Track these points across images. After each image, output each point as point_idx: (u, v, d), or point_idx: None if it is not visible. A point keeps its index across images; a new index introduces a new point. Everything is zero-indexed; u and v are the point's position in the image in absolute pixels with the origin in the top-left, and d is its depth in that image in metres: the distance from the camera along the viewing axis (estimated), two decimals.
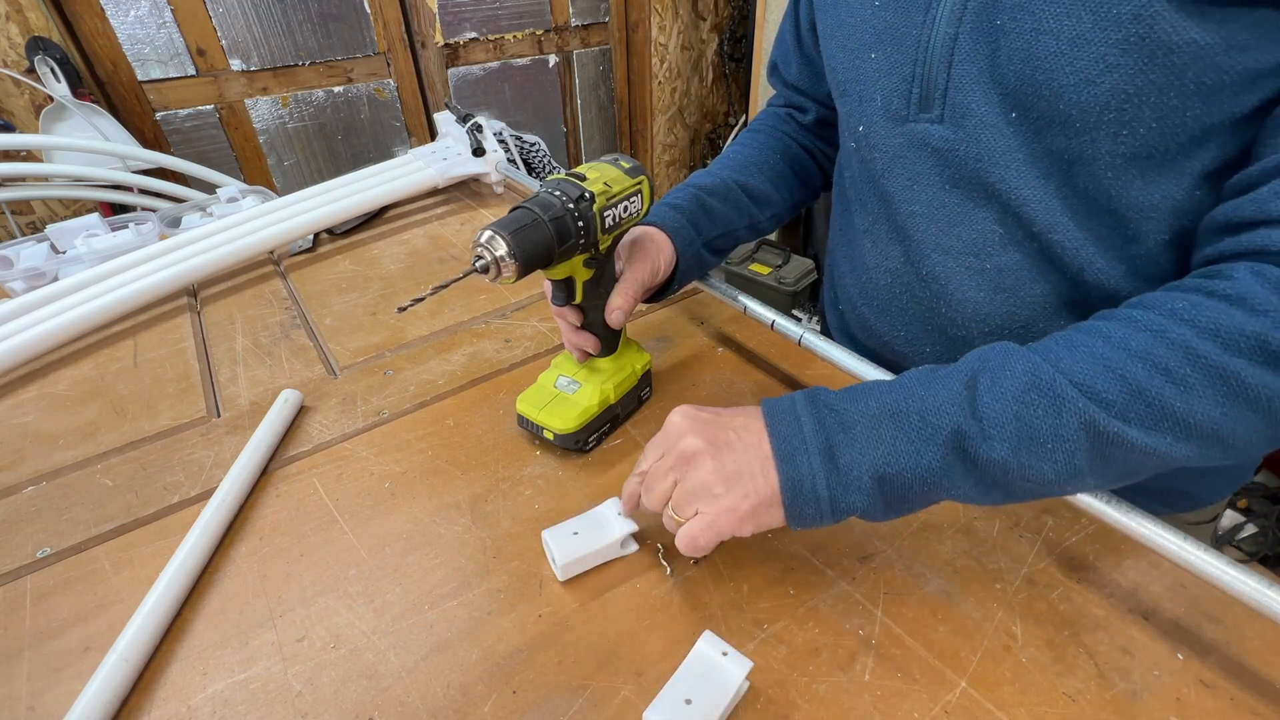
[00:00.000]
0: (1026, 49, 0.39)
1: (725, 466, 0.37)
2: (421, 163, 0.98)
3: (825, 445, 0.36)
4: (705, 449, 0.37)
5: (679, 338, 0.66)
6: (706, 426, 0.39)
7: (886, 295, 0.55)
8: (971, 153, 0.44)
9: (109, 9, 1.51)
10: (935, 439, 0.34)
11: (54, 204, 1.49)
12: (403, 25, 1.93)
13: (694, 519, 0.37)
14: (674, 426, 0.40)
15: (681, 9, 2.33)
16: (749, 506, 0.36)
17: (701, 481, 0.37)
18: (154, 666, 0.39)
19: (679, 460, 0.38)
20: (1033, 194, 0.43)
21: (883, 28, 0.47)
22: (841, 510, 0.36)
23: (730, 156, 0.66)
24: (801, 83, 0.66)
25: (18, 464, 0.54)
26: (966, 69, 0.42)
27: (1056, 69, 0.38)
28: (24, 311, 0.68)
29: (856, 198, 0.56)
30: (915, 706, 0.35)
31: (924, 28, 0.44)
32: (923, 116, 0.46)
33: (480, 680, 0.37)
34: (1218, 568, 0.34)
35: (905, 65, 0.46)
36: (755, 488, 0.36)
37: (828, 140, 0.69)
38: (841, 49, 0.51)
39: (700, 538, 0.37)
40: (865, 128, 0.51)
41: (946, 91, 0.44)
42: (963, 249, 0.47)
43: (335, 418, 0.58)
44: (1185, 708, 0.35)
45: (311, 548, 0.46)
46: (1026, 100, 0.40)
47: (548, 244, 0.42)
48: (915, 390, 0.36)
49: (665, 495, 0.39)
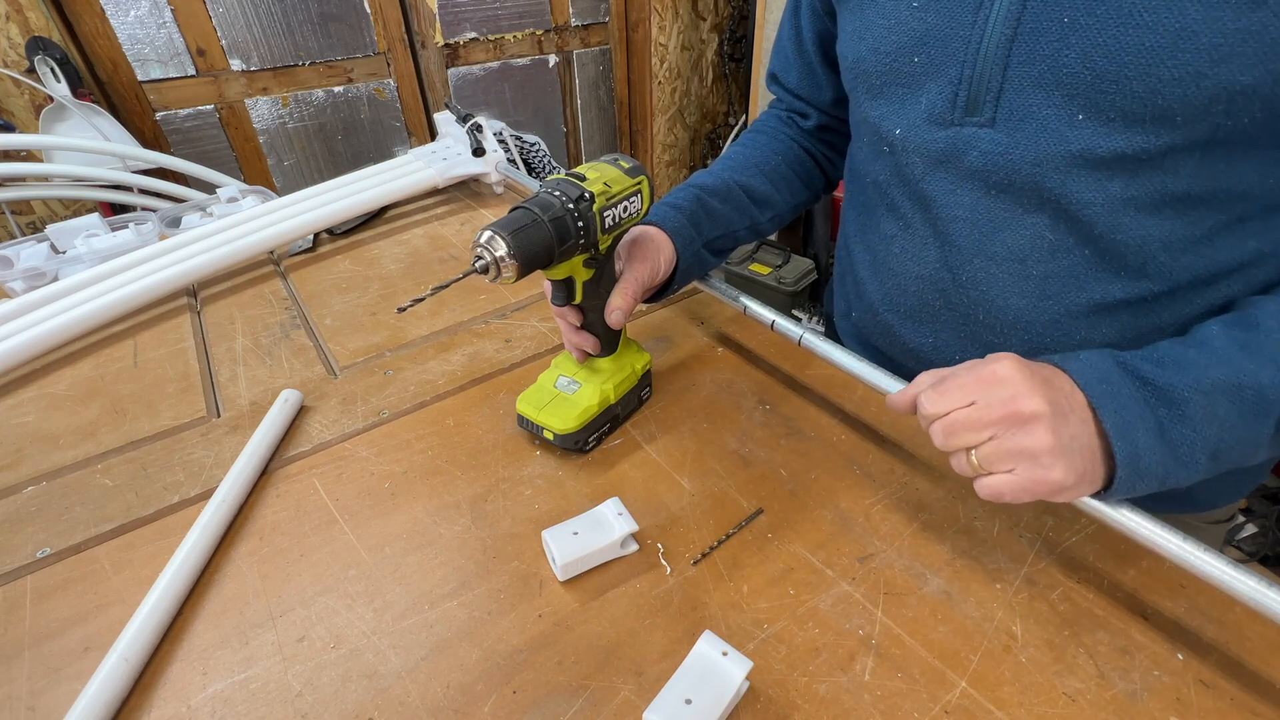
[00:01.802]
0: (1111, 45, 0.37)
1: (1062, 438, 0.35)
2: (421, 163, 0.98)
3: (1156, 423, 0.35)
4: (1048, 415, 0.35)
5: (679, 338, 0.66)
6: (1047, 387, 0.36)
7: (916, 301, 0.54)
8: (1026, 157, 0.43)
9: (109, 9, 1.51)
10: (1270, 414, 0.35)
11: (54, 204, 1.49)
12: (403, 25, 1.93)
13: (1005, 476, 0.36)
14: (1006, 378, 0.36)
15: (681, 9, 2.33)
16: (1073, 483, 0.35)
17: (1033, 447, 0.35)
18: (154, 666, 0.39)
19: (1011, 419, 0.35)
20: (1095, 196, 0.41)
21: (924, 30, 0.45)
22: (1166, 485, 0.36)
23: (731, 157, 0.65)
24: (802, 90, 0.66)
25: (18, 464, 0.54)
26: (1025, 70, 0.41)
27: (1154, 64, 0.36)
28: (24, 311, 0.68)
29: (884, 202, 0.54)
30: (915, 706, 0.35)
31: (974, 28, 0.43)
32: (970, 120, 0.45)
33: (480, 680, 0.37)
34: (1218, 568, 0.34)
35: (952, 68, 0.44)
36: (1082, 464, 0.35)
37: (830, 144, 0.69)
38: (874, 52, 0.49)
39: (1007, 496, 0.36)
40: (903, 131, 0.49)
41: (1000, 94, 0.43)
42: (1008, 255, 0.46)
43: (335, 418, 0.58)
44: (1185, 708, 0.35)
45: (311, 548, 0.46)
46: (1104, 100, 0.39)
47: (548, 244, 0.42)
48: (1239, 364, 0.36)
49: (974, 443, 0.37)
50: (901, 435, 0.53)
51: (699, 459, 0.52)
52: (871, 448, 0.52)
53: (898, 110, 0.49)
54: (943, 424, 0.38)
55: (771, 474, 0.50)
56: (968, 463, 0.37)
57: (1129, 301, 0.45)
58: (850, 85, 0.55)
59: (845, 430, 0.54)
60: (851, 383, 0.58)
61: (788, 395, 0.58)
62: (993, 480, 0.36)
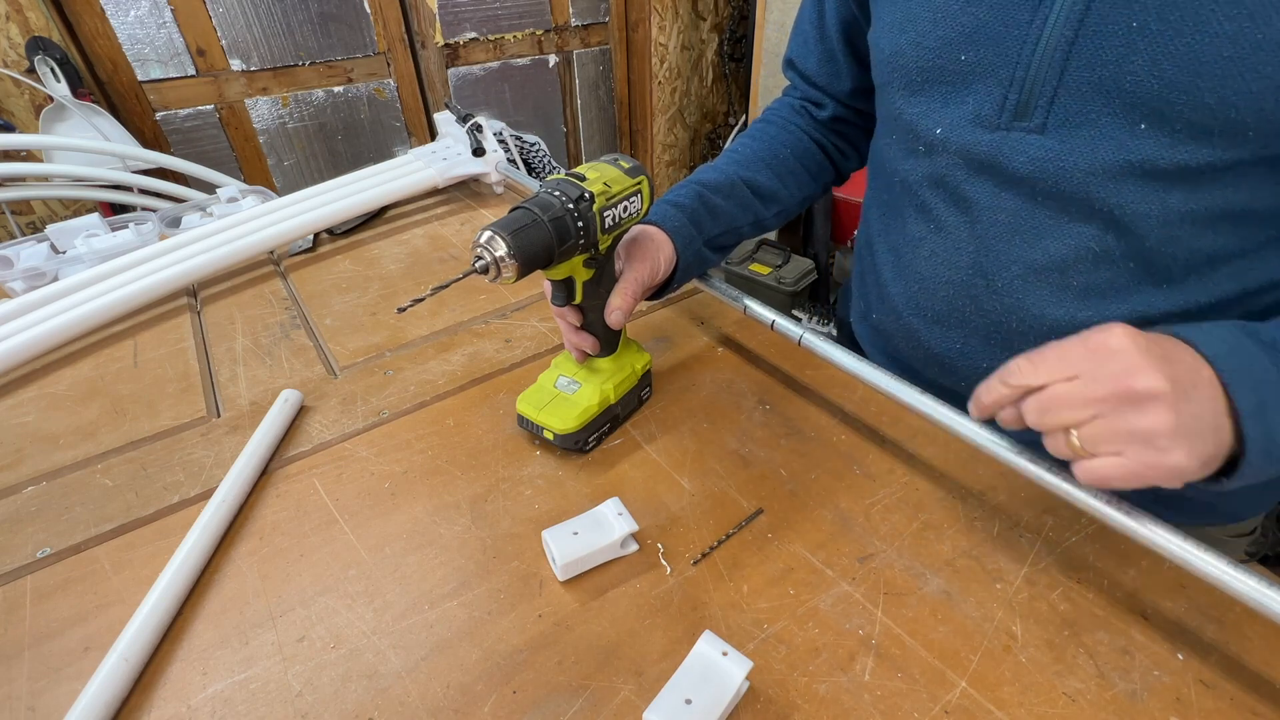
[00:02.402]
0: (1183, 54, 0.35)
1: (1183, 418, 0.31)
2: (421, 163, 0.98)
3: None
4: (1168, 394, 0.31)
5: (679, 338, 0.66)
6: (1166, 363, 0.32)
7: (945, 306, 0.52)
8: (1079, 165, 0.41)
9: (109, 9, 1.51)
10: None
11: (54, 204, 1.49)
12: (403, 25, 1.93)
13: (1113, 459, 0.32)
14: (1119, 349, 0.33)
15: (681, 9, 2.33)
16: (1194, 467, 0.32)
17: (1148, 429, 0.31)
18: (154, 666, 0.39)
19: (1122, 396, 0.32)
20: (1151, 209, 0.40)
21: (974, 26, 0.43)
22: None
23: (737, 150, 0.63)
24: (820, 78, 0.63)
25: (18, 464, 0.54)
26: (1084, 76, 0.39)
27: (1231, 76, 0.35)
28: (24, 311, 0.68)
29: (914, 203, 0.52)
30: (915, 706, 0.35)
31: (1030, 28, 0.40)
32: (1019, 125, 0.43)
33: (480, 680, 0.37)
34: (1218, 568, 0.34)
35: (1003, 68, 0.42)
36: (1205, 447, 0.31)
37: (844, 136, 0.66)
38: (916, 46, 0.47)
39: (1115, 482, 0.33)
40: (945, 131, 0.47)
41: (1054, 99, 0.41)
42: (1049, 264, 0.45)
43: (335, 418, 0.58)
44: (1185, 708, 0.35)
45: (311, 548, 0.46)
46: (1171, 110, 0.37)
47: (547, 244, 0.42)
48: None
49: (1075, 421, 0.33)
50: (901, 435, 0.53)
51: (699, 459, 0.52)
52: (871, 448, 0.52)
53: (939, 109, 0.47)
54: (1039, 398, 0.34)
55: (771, 474, 0.50)
56: (1066, 444, 0.34)
57: (1170, 314, 0.43)
58: (884, 79, 0.52)
59: (845, 430, 0.54)
60: (851, 383, 0.58)
61: (788, 395, 0.58)
62: (1098, 464, 0.33)
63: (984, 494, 0.48)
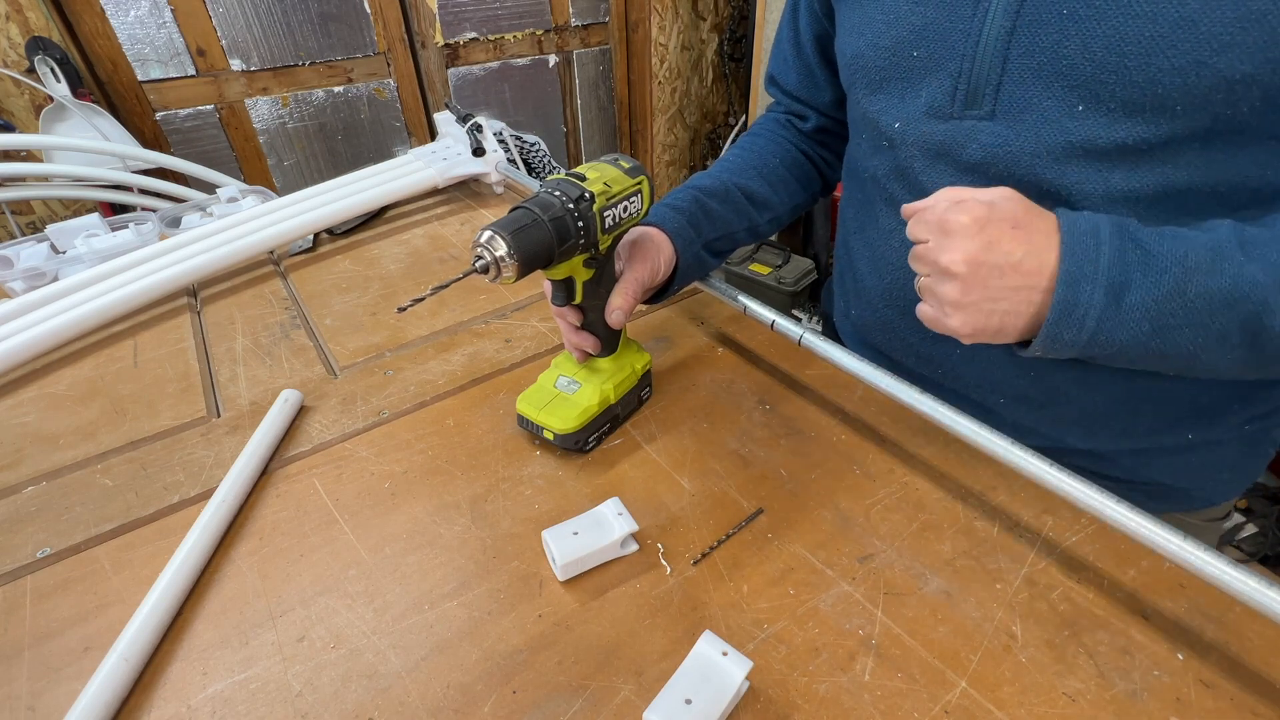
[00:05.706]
0: (1110, 35, 0.38)
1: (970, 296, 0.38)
2: (421, 163, 0.98)
3: (1117, 281, 0.36)
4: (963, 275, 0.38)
5: (679, 338, 0.66)
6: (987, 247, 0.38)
7: (915, 297, 0.54)
8: (1026, 149, 0.43)
9: (109, 9, 1.51)
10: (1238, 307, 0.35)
11: (54, 204, 1.49)
12: (403, 25, 1.93)
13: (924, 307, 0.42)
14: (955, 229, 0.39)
15: (681, 9, 2.33)
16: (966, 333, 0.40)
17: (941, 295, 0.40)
18: (154, 666, 0.39)
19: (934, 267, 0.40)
20: (1096, 188, 0.42)
21: (923, 24, 0.46)
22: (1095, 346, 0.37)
23: (730, 159, 0.65)
24: (801, 92, 0.66)
25: (18, 464, 0.54)
26: (1024, 63, 0.42)
27: (1154, 54, 0.37)
28: (24, 311, 0.68)
29: (883, 197, 0.55)
30: (915, 706, 0.35)
31: (973, 21, 0.43)
32: (970, 113, 0.45)
33: (480, 680, 0.37)
34: (1218, 568, 0.34)
35: (951, 61, 0.45)
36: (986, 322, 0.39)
37: (828, 147, 0.69)
38: (873, 47, 0.50)
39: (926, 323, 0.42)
40: (903, 124, 0.50)
41: (1000, 86, 0.43)
42: None
43: (335, 418, 0.58)
44: (1185, 708, 0.35)
45: (311, 548, 0.46)
46: (1104, 90, 0.39)
47: (548, 244, 0.42)
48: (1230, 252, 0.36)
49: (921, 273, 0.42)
50: (901, 435, 0.53)
51: (699, 459, 0.52)
52: (871, 448, 0.52)
53: (897, 104, 0.50)
54: (911, 250, 0.43)
55: (771, 474, 0.50)
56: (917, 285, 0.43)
57: None
58: (849, 81, 0.55)
59: (845, 430, 0.54)
60: (851, 383, 0.58)
61: (788, 395, 0.58)
62: (920, 306, 0.43)
63: (984, 494, 0.48)
